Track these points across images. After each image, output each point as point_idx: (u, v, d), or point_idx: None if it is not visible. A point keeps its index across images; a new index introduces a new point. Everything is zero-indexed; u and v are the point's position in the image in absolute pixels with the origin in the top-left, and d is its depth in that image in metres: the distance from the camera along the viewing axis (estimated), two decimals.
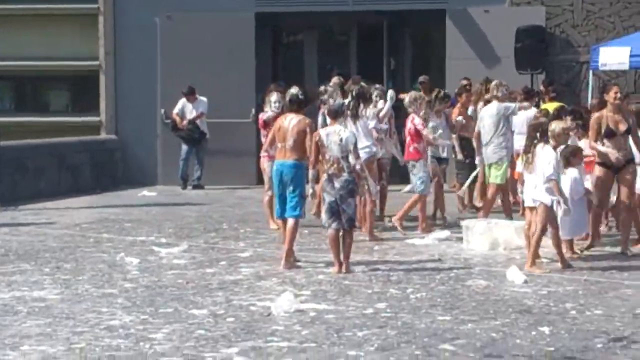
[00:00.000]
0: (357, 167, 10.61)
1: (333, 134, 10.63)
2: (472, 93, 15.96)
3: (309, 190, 11.23)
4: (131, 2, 20.06)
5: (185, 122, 19.09)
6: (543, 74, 18.04)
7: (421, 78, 17.28)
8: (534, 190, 10.82)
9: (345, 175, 10.56)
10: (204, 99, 18.86)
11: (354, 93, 13.03)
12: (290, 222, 11.01)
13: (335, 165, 10.59)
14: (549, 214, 10.68)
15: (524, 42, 18.32)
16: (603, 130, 11.53)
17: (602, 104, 12.24)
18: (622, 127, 11.53)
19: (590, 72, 16.25)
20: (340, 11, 19.93)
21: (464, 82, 16.76)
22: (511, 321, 8.44)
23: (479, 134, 13.71)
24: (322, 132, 10.84)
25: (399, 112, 14.82)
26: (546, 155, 10.66)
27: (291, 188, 11.04)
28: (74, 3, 20.50)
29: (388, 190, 14.61)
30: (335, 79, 16.23)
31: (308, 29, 21.19)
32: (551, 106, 14.14)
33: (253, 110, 18.63)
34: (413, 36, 21.06)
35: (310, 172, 10.98)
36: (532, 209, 11.08)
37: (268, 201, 13.50)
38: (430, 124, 13.66)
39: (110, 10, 20.18)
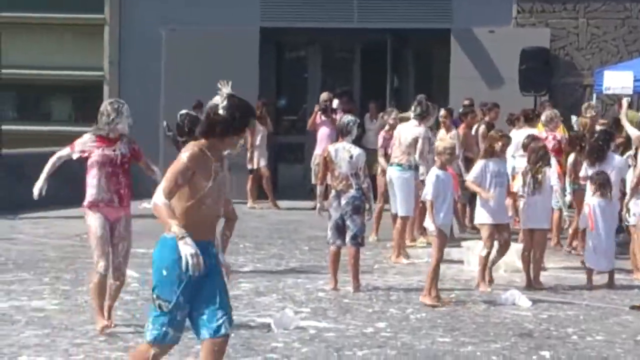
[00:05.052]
0: (365, 185, 10.56)
1: (342, 151, 10.59)
2: (476, 114, 15.94)
3: (316, 205, 11.14)
4: (137, 13, 20.07)
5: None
6: (547, 96, 18.04)
7: (419, 97, 17.20)
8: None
9: (352, 192, 10.51)
10: None
11: None
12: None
13: (343, 182, 10.54)
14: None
15: (528, 63, 18.31)
16: None
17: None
18: None
19: (594, 95, 16.23)
20: (344, 28, 19.93)
21: (466, 102, 16.79)
22: (511, 344, 8.41)
23: None
24: (331, 148, 10.78)
25: None
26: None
27: None
28: (80, 13, 20.53)
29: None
30: (324, 95, 16.32)
31: (312, 45, 21.18)
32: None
33: None
34: (417, 55, 21.05)
35: (318, 188, 10.95)
36: (531, 231, 11.12)
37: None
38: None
39: (116, 21, 20.21)
